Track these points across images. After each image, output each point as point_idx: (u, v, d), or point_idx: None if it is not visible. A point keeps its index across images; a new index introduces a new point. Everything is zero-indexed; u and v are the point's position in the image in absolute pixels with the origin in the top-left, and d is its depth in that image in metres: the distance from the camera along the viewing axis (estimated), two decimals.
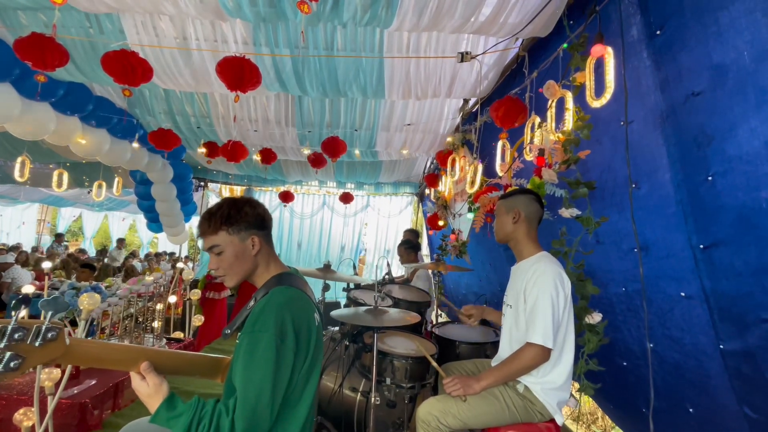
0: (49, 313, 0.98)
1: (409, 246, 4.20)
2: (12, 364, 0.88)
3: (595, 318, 1.82)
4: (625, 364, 1.93)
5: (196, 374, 1.27)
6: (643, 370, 1.75)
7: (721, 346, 1.38)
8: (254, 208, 1.28)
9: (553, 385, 1.63)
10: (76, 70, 3.10)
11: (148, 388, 1.05)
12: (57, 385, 2.17)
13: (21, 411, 2.11)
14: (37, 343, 0.91)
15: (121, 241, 9.92)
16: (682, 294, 1.49)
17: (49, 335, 0.93)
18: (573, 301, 1.76)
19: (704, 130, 1.27)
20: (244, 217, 1.24)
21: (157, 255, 10.00)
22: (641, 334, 1.74)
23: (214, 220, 1.23)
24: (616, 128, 1.67)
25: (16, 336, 0.89)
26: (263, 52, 2.84)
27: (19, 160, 4.05)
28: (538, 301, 1.59)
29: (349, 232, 7.54)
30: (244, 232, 1.24)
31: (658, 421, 1.70)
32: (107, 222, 13.19)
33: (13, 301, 4.28)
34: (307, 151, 4.53)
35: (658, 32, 1.43)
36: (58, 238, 10.42)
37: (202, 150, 4.27)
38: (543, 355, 1.58)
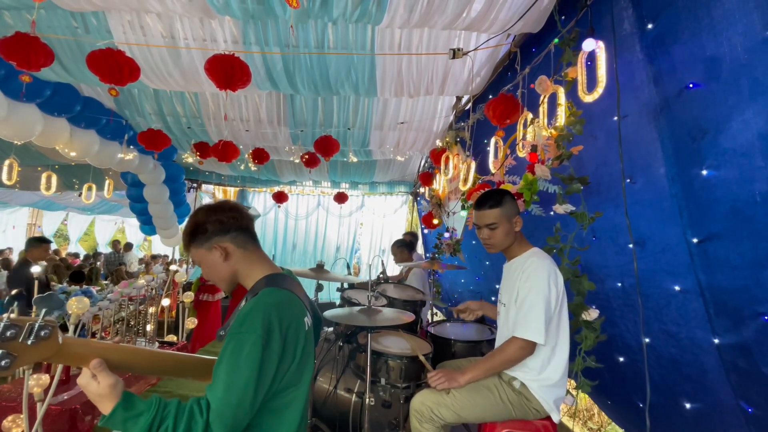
0: (43, 310, 0.94)
1: (402, 244, 4.20)
2: (3, 363, 0.85)
3: (592, 315, 1.80)
4: (622, 359, 1.92)
5: (189, 376, 1.24)
6: (640, 365, 1.74)
7: (717, 341, 1.38)
8: (211, 215, 1.21)
9: (549, 381, 1.61)
10: (62, 70, 3.04)
11: (99, 388, 0.94)
12: (46, 391, 2.13)
13: (9, 418, 2.06)
14: (29, 342, 0.88)
15: (128, 246, 9.64)
16: (678, 288, 1.48)
17: (42, 333, 0.89)
18: (569, 298, 1.75)
19: (698, 123, 1.26)
20: (200, 227, 1.21)
21: (154, 258, 9.88)
22: (638, 330, 1.74)
23: (185, 238, 1.24)
24: (610, 123, 1.66)
25: (8, 334, 0.85)
26: (253, 51, 2.80)
27: (7, 162, 3.97)
28: (530, 295, 1.58)
29: (344, 232, 7.50)
30: (207, 243, 1.21)
31: (655, 416, 1.70)
32: (94, 226, 12.99)
33: (6, 299, 4.18)
34: (299, 151, 4.49)
35: (650, 25, 1.41)
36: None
37: (193, 151, 4.22)
38: (528, 348, 1.58)
